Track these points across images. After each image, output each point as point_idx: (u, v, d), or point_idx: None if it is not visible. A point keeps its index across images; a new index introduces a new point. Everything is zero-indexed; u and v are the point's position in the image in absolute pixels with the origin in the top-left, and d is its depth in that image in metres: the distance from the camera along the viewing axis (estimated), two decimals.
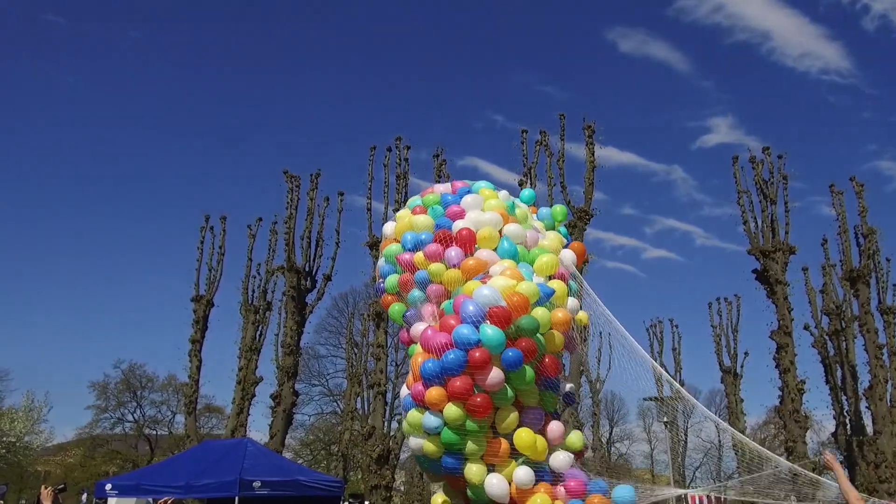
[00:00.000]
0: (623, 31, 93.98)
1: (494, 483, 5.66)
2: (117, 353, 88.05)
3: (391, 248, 7.08)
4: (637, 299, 74.00)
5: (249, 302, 23.52)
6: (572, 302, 6.74)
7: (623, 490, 6.03)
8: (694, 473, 48.45)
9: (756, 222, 21.59)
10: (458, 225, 6.69)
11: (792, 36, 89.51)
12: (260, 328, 23.22)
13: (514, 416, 5.92)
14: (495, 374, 5.66)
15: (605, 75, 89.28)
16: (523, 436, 5.83)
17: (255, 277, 23.95)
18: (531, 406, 6.11)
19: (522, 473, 5.70)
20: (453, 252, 6.49)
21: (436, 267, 6.48)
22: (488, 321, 5.71)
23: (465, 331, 5.66)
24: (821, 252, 26.06)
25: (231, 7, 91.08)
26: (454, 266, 6.42)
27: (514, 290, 5.91)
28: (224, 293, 38.38)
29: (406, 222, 7.10)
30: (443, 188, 7.56)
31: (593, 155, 19.97)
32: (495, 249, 6.62)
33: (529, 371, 5.92)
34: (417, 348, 6.25)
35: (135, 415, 45.31)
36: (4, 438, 34.71)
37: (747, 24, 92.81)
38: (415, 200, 7.47)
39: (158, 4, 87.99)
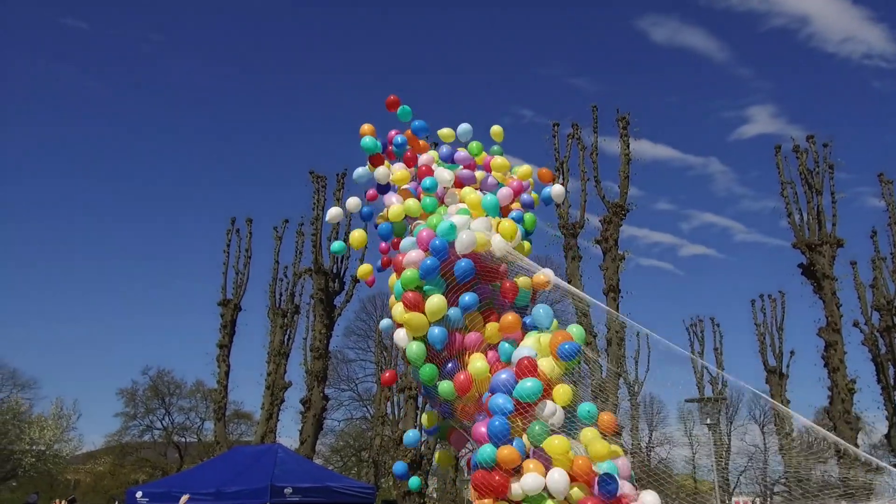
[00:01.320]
0: (655, 20, 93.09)
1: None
2: (145, 359, 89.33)
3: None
4: (675, 298, 73.16)
5: (277, 305, 23.70)
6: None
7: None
8: (738, 479, 47.76)
9: (801, 215, 21.21)
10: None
11: (832, 20, 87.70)
12: (288, 332, 23.39)
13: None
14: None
15: (637, 66, 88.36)
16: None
17: (282, 280, 24.15)
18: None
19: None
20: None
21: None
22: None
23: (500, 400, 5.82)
24: (870, 245, 25.46)
25: (253, 7, 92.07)
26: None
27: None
28: (251, 297, 38.87)
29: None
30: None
31: (628, 147, 19.80)
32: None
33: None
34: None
35: (163, 422, 45.92)
36: (34, 447, 35.48)
37: (784, 9, 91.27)
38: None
39: (180, 6, 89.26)
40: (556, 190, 7.60)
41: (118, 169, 79.06)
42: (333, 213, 7.89)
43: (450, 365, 6.31)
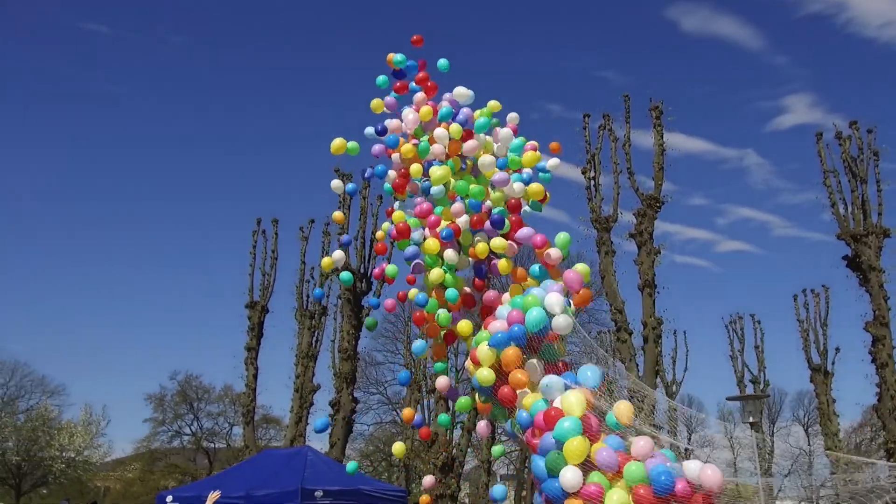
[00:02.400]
0: (685, 8, 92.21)
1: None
2: (173, 363, 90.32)
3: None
4: (712, 295, 72.33)
5: (304, 307, 23.83)
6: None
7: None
8: (782, 482, 47.06)
9: (845, 205, 20.80)
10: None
11: (870, 4, 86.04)
12: (316, 333, 23.51)
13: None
14: None
15: (668, 57, 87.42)
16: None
17: (309, 282, 24.27)
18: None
19: None
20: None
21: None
22: None
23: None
24: None
25: (277, 6, 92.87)
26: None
27: None
28: (278, 299, 39.18)
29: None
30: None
31: (662, 138, 19.58)
32: None
33: None
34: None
35: (192, 427, 46.50)
36: (64, 453, 36.12)
37: None
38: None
39: (201, 6, 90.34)
40: (552, 162, 7.69)
41: (141, 172, 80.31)
42: (335, 184, 8.49)
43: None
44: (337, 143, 8.02)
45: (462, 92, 7.85)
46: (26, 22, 74.85)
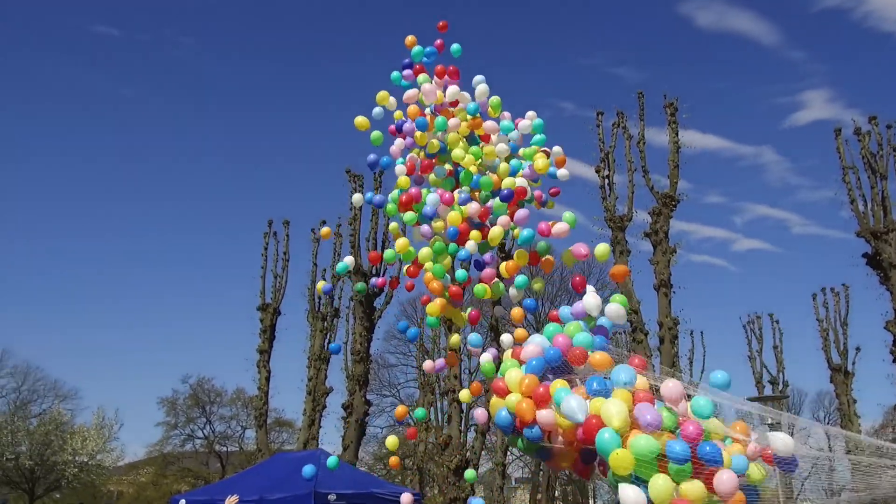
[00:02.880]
0: (699, 4, 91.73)
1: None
2: (184, 366, 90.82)
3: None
4: (730, 295, 72.01)
5: (316, 309, 23.88)
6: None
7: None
8: (802, 485, 46.70)
9: (865, 201, 20.62)
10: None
11: None
12: (328, 336, 23.56)
13: None
14: None
15: (682, 53, 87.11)
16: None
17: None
18: None
19: None
20: None
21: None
22: None
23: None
24: None
25: (286, 6, 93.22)
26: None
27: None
28: (290, 301, 39.31)
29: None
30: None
31: (677, 135, 19.48)
32: None
33: None
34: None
35: (204, 431, 46.68)
36: (77, 458, 36.32)
37: None
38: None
39: (210, 7, 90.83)
40: (562, 173, 7.54)
41: (151, 175, 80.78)
42: (356, 198, 8.36)
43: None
44: (360, 120, 8.02)
45: (482, 90, 7.86)
46: (36, 26, 75.56)
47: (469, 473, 7.93)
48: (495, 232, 7.23)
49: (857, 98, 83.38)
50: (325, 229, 9.59)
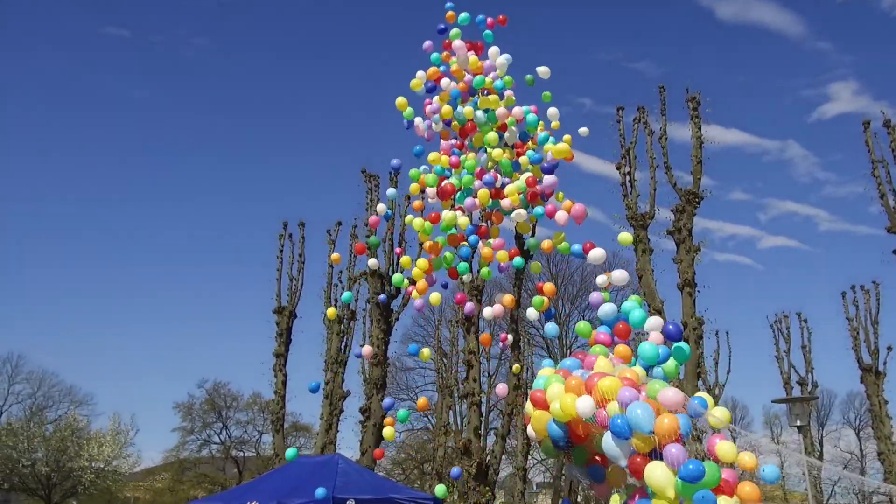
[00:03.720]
0: None
1: None
2: (200, 370, 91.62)
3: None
4: (756, 294, 71.55)
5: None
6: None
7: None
8: (832, 489, 46.21)
9: (895, 195, 20.40)
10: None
11: None
12: (345, 339, 23.60)
13: None
14: None
15: (704, 46, 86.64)
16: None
17: (336, 286, 24.39)
18: None
19: None
20: None
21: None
22: None
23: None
24: None
25: (299, 4, 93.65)
26: None
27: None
28: (306, 303, 39.47)
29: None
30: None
31: (699, 129, 19.34)
32: None
33: None
34: None
35: (221, 436, 46.98)
36: (93, 464, 36.66)
37: None
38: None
39: (222, 7, 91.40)
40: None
41: (164, 177, 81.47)
42: (380, 208, 9.06)
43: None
44: (400, 100, 9.09)
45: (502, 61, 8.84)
46: (46, 28, 76.41)
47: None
48: (510, 189, 7.88)
49: (885, 90, 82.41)
50: (334, 255, 10.04)
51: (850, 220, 78.68)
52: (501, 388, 8.56)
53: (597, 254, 7.46)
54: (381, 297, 9.03)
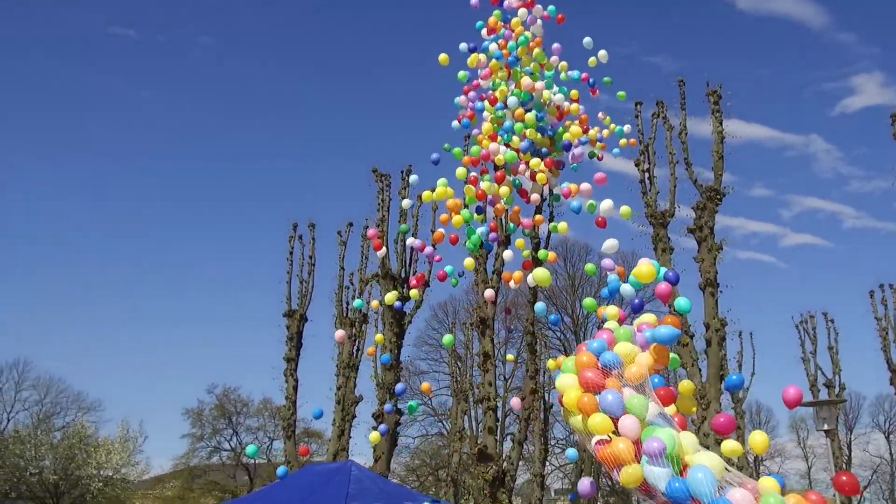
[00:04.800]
0: None
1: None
2: (209, 376, 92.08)
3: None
4: (780, 293, 71.07)
5: (344, 314, 23.97)
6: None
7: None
8: (862, 494, 45.84)
9: None
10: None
11: None
12: (357, 342, 23.63)
13: None
14: None
15: (723, 39, 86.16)
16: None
17: (348, 288, 24.42)
18: None
19: None
20: None
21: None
22: None
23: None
24: None
25: (307, 2, 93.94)
26: None
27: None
28: (317, 306, 39.59)
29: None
30: None
31: (721, 124, 19.22)
32: None
33: None
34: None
35: (231, 442, 47.17)
36: (102, 471, 36.90)
37: None
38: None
39: (229, 6, 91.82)
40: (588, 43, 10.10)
41: (172, 179, 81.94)
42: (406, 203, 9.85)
43: None
44: (443, 56, 9.53)
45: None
46: (50, 28, 77.04)
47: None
48: None
49: None
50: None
51: (877, 217, 78.07)
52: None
53: (610, 243, 7.75)
54: (397, 304, 9.36)
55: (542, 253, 9.05)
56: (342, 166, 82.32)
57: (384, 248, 10.49)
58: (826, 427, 16.16)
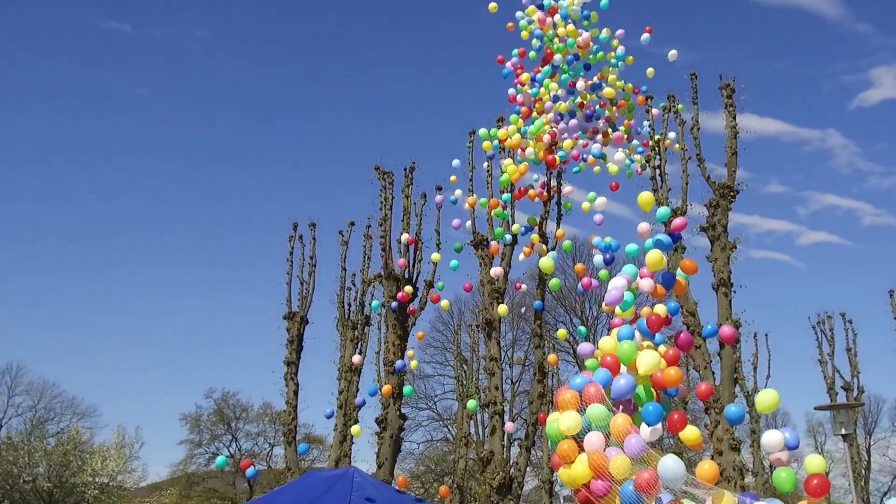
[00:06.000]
0: None
1: None
2: (208, 380, 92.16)
3: None
4: (796, 293, 70.70)
5: (346, 317, 23.99)
6: None
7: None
8: (881, 501, 45.72)
9: None
10: None
11: None
12: (359, 345, 23.65)
13: None
14: None
15: (735, 30, 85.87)
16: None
17: (350, 289, 24.44)
18: None
19: None
20: None
21: None
22: None
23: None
24: None
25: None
26: None
27: None
28: (318, 308, 39.60)
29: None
30: None
31: (734, 119, 19.18)
32: None
33: None
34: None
35: (230, 448, 47.27)
36: (97, 479, 37.00)
37: None
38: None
39: (226, 1, 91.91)
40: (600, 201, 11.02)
41: (168, 179, 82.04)
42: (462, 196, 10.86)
43: None
44: (492, 4, 11.39)
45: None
46: (43, 23, 77.22)
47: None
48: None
49: None
50: (356, 357, 11.50)
51: None
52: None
53: (602, 201, 8.99)
54: (394, 304, 9.67)
55: (567, 244, 9.79)
56: (343, 163, 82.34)
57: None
58: (843, 431, 16.14)
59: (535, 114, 11.79)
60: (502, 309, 7.92)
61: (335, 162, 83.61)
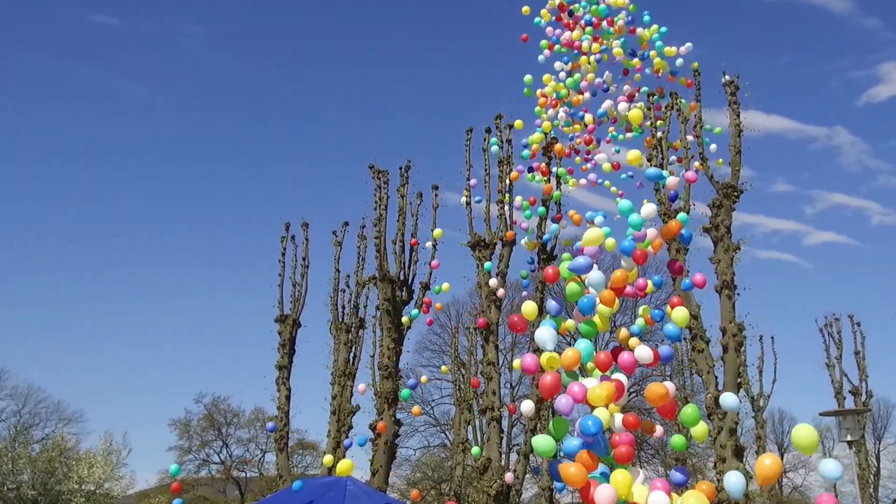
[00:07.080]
0: None
1: None
2: (197, 384, 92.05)
3: None
4: (803, 295, 71.05)
5: (340, 319, 24.00)
6: None
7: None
8: None
9: None
10: None
11: None
12: (353, 349, 23.67)
13: None
14: None
15: (740, 25, 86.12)
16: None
17: (343, 291, 24.46)
18: None
19: None
20: None
21: None
22: None
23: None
24: None
25: None
26: None
27: None
28: (311, 311, 39.61)
29: None
30: None
31: (738, 117, 19.24)
32: None
33: None
34: None
35: (221, 455, 47.26)
36: (83, 486, 36.93)
37: None
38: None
39: None
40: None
41: (158, 179, 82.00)
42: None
43: None
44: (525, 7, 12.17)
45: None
46: (29, 17, 77.16)
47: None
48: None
49: None
50: (361, 386, 11.45)
51: None
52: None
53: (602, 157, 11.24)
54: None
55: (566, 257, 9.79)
56: (337, 162, 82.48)
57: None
58: (849, 438, 16.20)
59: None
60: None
61: (329, 160, 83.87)
